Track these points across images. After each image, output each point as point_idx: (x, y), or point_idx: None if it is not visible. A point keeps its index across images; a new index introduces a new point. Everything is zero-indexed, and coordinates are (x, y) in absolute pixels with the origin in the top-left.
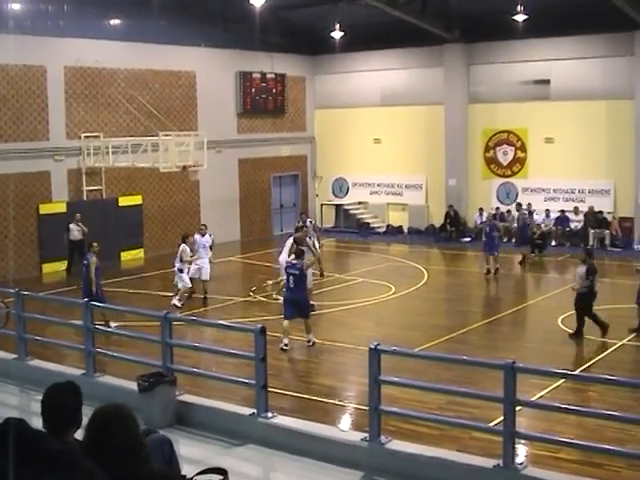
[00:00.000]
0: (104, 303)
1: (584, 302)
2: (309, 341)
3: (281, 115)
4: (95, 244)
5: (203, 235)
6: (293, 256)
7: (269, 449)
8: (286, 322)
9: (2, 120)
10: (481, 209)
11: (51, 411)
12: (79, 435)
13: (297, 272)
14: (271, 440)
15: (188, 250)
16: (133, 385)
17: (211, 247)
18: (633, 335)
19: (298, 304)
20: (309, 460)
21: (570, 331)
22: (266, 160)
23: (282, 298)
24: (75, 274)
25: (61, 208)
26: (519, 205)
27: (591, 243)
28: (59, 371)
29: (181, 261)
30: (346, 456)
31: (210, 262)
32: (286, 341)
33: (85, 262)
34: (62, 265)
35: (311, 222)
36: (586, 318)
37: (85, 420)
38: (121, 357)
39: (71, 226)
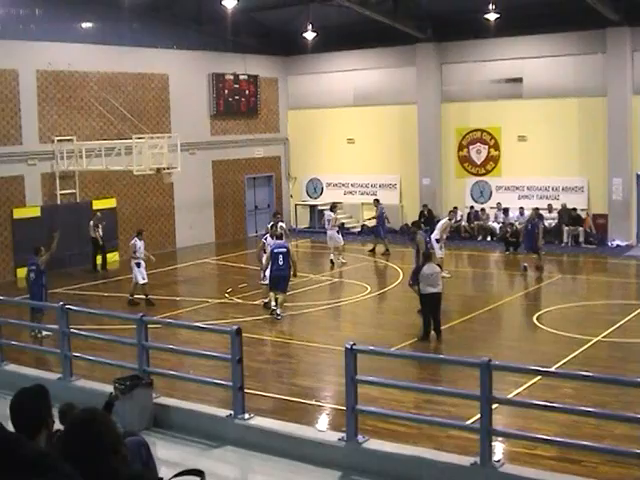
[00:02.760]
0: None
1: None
2: (278, 315)
3: (254, 116)
4: (42, 248)
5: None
6: (275, 238)
7: (246, 450)
8: (271, 294)
9: None
10: (455, 208)
11: (20, 415)
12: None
13: (285, 250)
14: (248, 441)
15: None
16: (110, 388)
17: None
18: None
19: (282, 279)
20: (287, 461)
21: (547, 328)
22: (240, 161)
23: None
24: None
25: (35, 212)
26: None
27: (565, 240)
28: (35, 375)
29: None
30: (323, 456)
31: None
32: (274, 304)
33: (33, 267)
34: None
35: (282, 227)
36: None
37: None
38: (97, 360)
39: (91, 224)
